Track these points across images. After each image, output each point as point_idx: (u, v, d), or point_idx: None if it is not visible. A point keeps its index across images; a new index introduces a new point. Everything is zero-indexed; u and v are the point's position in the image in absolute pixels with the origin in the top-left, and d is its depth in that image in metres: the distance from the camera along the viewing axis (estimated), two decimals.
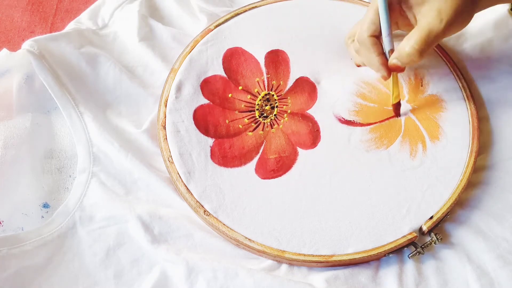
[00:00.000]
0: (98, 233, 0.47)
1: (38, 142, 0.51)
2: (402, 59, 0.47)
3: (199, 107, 0.51)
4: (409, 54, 0.46)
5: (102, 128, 0.50)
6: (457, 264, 0.47)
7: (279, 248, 0.46)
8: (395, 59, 0.47)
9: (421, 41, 0.45)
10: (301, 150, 0.50)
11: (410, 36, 0.46)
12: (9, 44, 0.61)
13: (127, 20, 0.57)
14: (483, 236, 0.48)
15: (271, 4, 0.57)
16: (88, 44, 0.55)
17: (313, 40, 0.55)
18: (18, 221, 0.48)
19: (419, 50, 0.45)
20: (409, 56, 0.46)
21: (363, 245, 0.46)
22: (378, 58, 0.48)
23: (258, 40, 0.55)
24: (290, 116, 0.52)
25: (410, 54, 0.46)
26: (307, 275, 0.46)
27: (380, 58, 0.48)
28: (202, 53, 0.54)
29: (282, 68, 0.54)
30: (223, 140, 0.50)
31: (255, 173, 0.49)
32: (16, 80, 0.51)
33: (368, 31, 0.47)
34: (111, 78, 0.54)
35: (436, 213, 0.47)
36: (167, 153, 0.49)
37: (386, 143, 0.50)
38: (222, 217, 0.47)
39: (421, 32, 0.45)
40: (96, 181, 0.49)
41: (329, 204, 0.48)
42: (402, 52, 0.46)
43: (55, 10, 0.63)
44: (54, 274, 0.45)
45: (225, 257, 0.46)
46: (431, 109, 0.52)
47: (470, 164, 0.49)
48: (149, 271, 0.46)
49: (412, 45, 0.45)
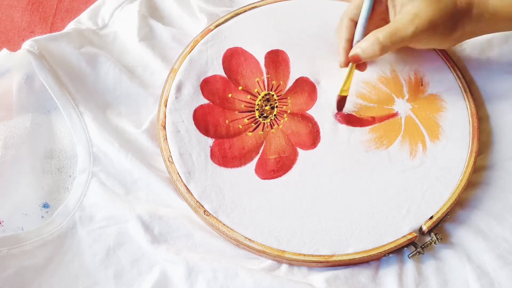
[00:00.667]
0: (98, 233, 0.47)
1: (38, 142, 0.51)
2: (365, 49, 0.47)
3: (199, 107, 0.51)
4: (372, 44, 0.46)
5: (102, 128, 0.50)
6: (457, 264, 0.47)
7: (279, 248, 0.46)
8: (358, 48, 0.47)
9: (386, 36, 0.45)
10: (301, 151, 0.50)
11: (379, 29, 0.46)
12: (9, 44, 0.61)
13: (127, 20, 0.57)
14: (483, 236, 0.48)
15: (271, 4, 0.57)
16: (88, 44, 0.55)
17: (313, 40, 0.55)
18: (18, 221, 0.48)
19: (382, 44, 0.46)
20: (372, 45, 0.46)
21: (363, 245, 0.46)
22: (344, 42, 0.49)
23: (258, 40, 0.55)
24: (290, 117, 0.52)
25: (373, 44, 0.46)
26: (307, 275, 0.46)
27: (345, 43, 0.49)
28: (202, 53, 0.54)
29: (282, 68, 0.54)
30: (223, 140, 0.50)
31: (255, 173, 0.49)
32: (16, 80, 0.51)
33: (350, 13, 0.48)
34: (111, 78, 0.54)
35: (436, 213, 0.47)
36: (167, 153, 0.49)
37: (386, 143, 0.50)
38: (222, 217, 0.47)
39: (390, 28, 0.46)
40: (96, 181, 0.49)
41: (329, 204, 0.48)
42: (367, 41, 0.47)
43: (55, 10, 0.63)
44: (54, 274, 0.45)
45: (225, 257, 0.46)
46: (431, 109, 0.52)
47: (470, 164, 0.49)
48: (149, 271, 0.46)
49: (377, 37, 0.46)
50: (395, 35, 0.45)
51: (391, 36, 0.45)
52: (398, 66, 0.54)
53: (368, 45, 0.47)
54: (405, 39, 0.46)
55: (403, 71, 0.54)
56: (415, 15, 0.45)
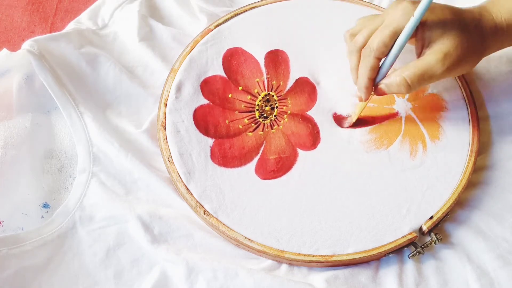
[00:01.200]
0: (98, 233, 0.47)
1: (38, 142, 0.51)
2: (390, 87, 0.46)
3: (199, 107, 0.51)
4: (398, 85, 0.45)
5: (102, 128, 0.50)
6: (457, 264, 0.47)
7: (279, 248, 0.46)
8: (384, 85, 0.46)
9: (416, 77, 0.44)
10: (301, 151, 0.50)
11: (407, 67, 0.45)
12: (9, 44, 0.61)
13: (127, 20, 0.57)
14: (483, 236, 0.48)
15: (271, 4, 0.57)
16: (88, 44, 0.55)
17: (313, 40, 0.55)
18: (18, 221, 0.48)
19: (410, 85, 0.44)
20: (398, 86, 0.45)
21: (363, 245, 0.46)
22: (366, 80, 0.47)
23: (258, 40, 0.55)
24: (290, 117, 0.52)
25: (400, 85, 0.45)
26: (307, 275, 0.46)
27: (368, 81, 0.47)
28: (202, 53, 0.54)
29: (282, 68, 0.54)
30: (223, 140, 0.50)
31: (255, 173, 0.49)
32: (16, 80, 0.51)
33: (377, 52, 0.45)
34: (111, 78, 0.54)
35: (436, 213, 0.47)
36: (167, 153, 0.49)
37: (386, 143, 0.50)
38: (222, 217, 0.47)
39: (418, 69, 0.44)
40: (96, 181, 0.49)
41: (329, 204, 0.48)
42: (393, 81, 0.45)
43: (55, 10, 0.63)
44: (54, 274, 0.45)
45: (225, 257, 0.46)
46: (432, 109, 0.52)
47: (470, 164, 0.49)
48: (149, 271, 0.46)
49: (405, 77, 0.44)
50: (423, 76, 0.44)
51: (420, 77, 0.44)
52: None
53: (394, 85, 0.45)
54: (434, 78, 0.45)
55: None
56: (445, 55, 0.44)
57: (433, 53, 0.44)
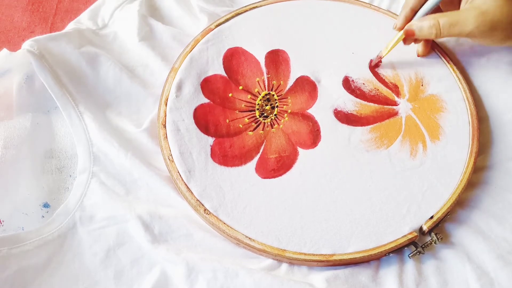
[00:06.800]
0: (98, 233, 0.47)
1: (38, 142, 0.51)
2: (422, 28, 0.48)
3: (199, 106, 0.51)
4: (430, 27, 0.47)
5: (102, 128, 0.50)
6: (457, 264, 0.47)
7: (280, 247, 0.46)
8: (415, 26, 0.48)
9: (447, 24, 0.46)
10: (302, 150, 0.50)
11: (442, 15, 0.47)
12: (9, 44, 0.61)
13: (127, 20, 0.57)
14: (483, 236, 0.48)
15: (272, 4, 0.57)
16: (88, 44, 0.55)
17: (313, 40, 0.56)
18: (18, 221, 0.48)
19: (440, 29, 0.46)
20: (430, 28, 0.47)
21: (364, 245, 0.46)
22: (408, 9, 0.49)
23: (259, 40, 0.55)
24: (290, 116, 0.52)
25: (431, 27, 0.47)
26: (307, 275, 0.46)
27: (409, 11, 0.49)
28: (202, 52, 0.54)
29: (282, 67, 0.54)
30: (223, 139, 0.50)
31: (256, 172, 0.49)
32: (16, 80, 0.51)
33: None
34: (111, 78, 0.54)
35: (437, 213, 0.47)
36: (167, 151, 0.49)
37: (387, 143, 0.51)
38: (223, 216, 0.47)
39: (452, 18, 0.46)
40: (96, 181, 0.49)
41: (329, 204, 0.48)
42: (426, 23, 0.47)
43: (55, 10, 0.63)
44: (54, 274, 0.45)
45: (225, 257, 0.46)
46: (431, 109, 0.52)
47: (470, 164, 0.49)
48: (149, 271, 0.46)
49: (437, 22, 0.46)
50: (454, 26, 0.46)
51: (450, 26, 0.46)
52: (399, 66, 0.54)
53: (426, 27, 0.47)
54: (462, 33, 0.46)
55: (404, 70, 0.54)
56: (481, 13, 0.45)
57: (471, 8, 0.46)
